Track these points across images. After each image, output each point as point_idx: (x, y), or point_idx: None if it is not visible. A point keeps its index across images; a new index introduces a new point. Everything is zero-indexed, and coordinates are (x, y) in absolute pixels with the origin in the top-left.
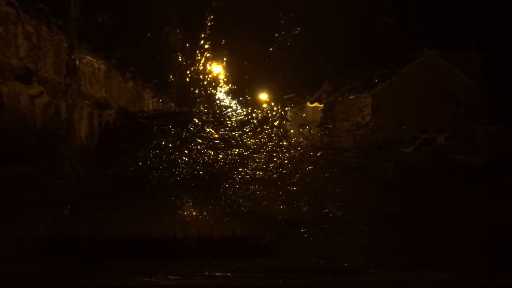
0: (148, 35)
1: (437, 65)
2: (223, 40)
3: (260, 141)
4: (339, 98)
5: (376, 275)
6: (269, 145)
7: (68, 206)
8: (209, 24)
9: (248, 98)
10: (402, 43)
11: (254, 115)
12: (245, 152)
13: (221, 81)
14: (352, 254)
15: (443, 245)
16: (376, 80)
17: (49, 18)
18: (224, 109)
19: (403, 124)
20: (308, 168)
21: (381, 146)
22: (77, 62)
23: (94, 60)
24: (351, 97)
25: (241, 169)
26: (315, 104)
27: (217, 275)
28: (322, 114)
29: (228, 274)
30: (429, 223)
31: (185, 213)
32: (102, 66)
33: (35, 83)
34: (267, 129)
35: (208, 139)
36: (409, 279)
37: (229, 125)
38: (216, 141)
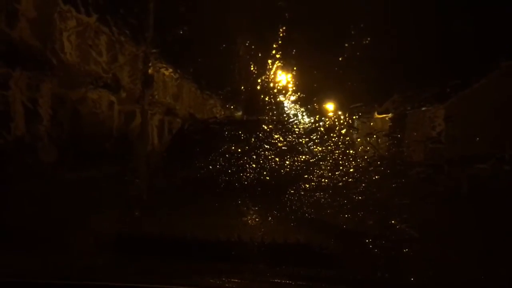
0: (220, 46)
1: None
2: (293, 50)
3: (326, 149)
4: (409, 109)
5: None
6: (336, 153)
7: (141, 206)
8: (279, 34)
9: (316, 107)
10: (479, 54)
11: (321, 123)
12: (311, 159)
13: (289, 89)
14: (419, 269)
15: None
16: (450, 92)
17: (129, 30)
18: (292, 117)
19: (478, 139)
20: (375, 178)
21: (452, 160)
22: (152, 72)
23: (168, 70)
24: (421, 108)
25: (306, 176)
26: (384, 114)
27: (279, 282)
28: (390, 124)
29: (291, 282)
30: (505, 247)
31: (250, 218)
32: (175, 76)
33: (115, 91)
34: (334, 137)
35: (275, 145)
36: None
37: (297, 132)
38: (283, 148)
